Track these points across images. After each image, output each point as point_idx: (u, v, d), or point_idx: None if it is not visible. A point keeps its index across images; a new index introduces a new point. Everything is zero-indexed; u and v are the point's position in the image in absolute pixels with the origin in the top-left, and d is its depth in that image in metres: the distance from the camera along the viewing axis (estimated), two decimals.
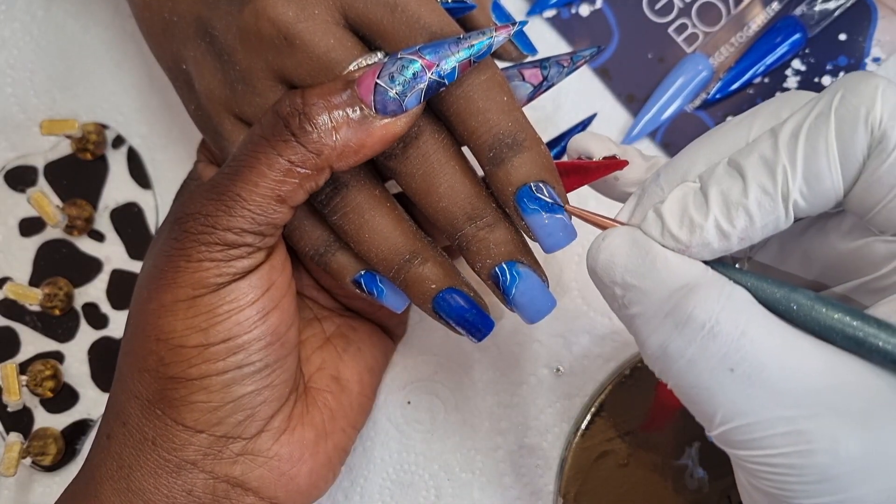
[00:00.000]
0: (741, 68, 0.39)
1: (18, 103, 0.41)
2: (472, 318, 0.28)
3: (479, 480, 0.38)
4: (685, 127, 0.39)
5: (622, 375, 0.36)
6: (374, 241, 0.28)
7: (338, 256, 0.29)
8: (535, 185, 0.26)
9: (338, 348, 0.34)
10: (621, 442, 0.36)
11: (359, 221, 0.28)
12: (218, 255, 0.27)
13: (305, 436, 0.30)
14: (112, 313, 0.39)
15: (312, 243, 0.29)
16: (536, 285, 0.27)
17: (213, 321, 0.27)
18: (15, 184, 0.40)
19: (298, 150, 0.25)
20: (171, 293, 0.27)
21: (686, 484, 0.36)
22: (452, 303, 0.28)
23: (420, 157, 0.27)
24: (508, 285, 0.27)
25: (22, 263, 0.40)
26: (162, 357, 0.27)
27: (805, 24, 0.39)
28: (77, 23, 0.41)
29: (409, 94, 0.25)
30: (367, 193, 0.28)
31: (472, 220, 0.27)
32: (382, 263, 0.28)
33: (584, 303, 0.39)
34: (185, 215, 0.27)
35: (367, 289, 0.29)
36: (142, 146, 0.40)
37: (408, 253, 0.28)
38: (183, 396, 0.27)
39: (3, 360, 0.39)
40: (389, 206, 0.28)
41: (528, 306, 0.28)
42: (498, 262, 0.27)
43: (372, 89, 0.25)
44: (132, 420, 0.28)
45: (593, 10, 0.40)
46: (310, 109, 0.25)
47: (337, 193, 0.28)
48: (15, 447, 0.36)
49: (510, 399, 0.38)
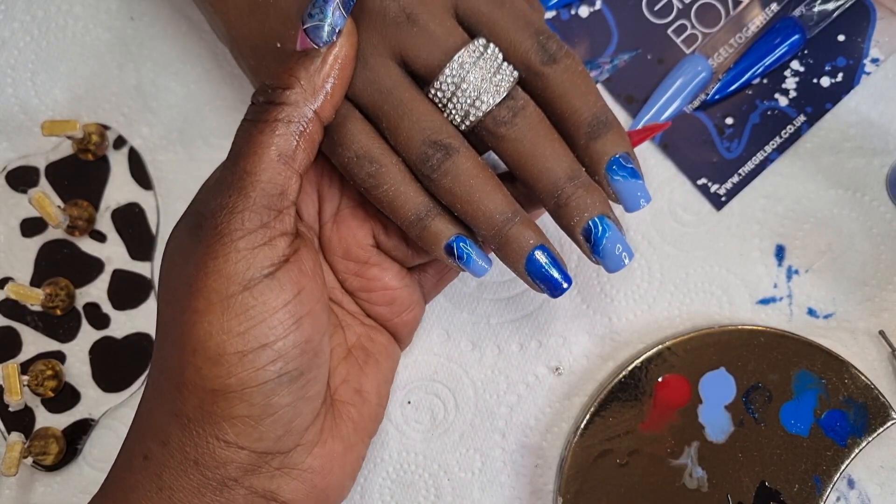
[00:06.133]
0: (740, 69, 0.39)
1: (20, 104, 0.41)
2: (559, 273, 0.31)
3: (479, 480, 0.38)
4: (684, 127, 0.39)
5: (622, 375, 0.36)
6: (483, 202, 0.30)
7: (436, 221, 0.31)
8: (623, 156, 0.30)
9: (359, 360, 0.34)
10: (621, 441, 0.36)
11: (469, 183, 0.30)
12: (241, 243, 0.27)
13: (335, 448, 0.31)
14: (113, 313, 0.39)
15: (414, 208, 0.31)
16: (621, 237, 0.31)
17: (248, 324, 0.27)
18: (16, 184, 0.40)
19: (281, 109, 0.28)
20: (204, 298, 0.27)
21: (686, 484, 0.36)
22: (543, 259, 0.30)
23: (528, 124, 0.30)
24: (600, 236, 0.30)
25: (23, 263, 0.40)
26: (199, 368, 0.27)
27: (804, 25, 0.39)
28: (78, 24, 0.41)
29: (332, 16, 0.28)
30: (474, 159, 0.30)
31: (571, 180, 0.30)
32: (487, 222, 0.30)
33: (584, 303, 0.39)
34: (200, 217, 0.28)
35: (457, 252, 0.31)
36: (143, 147, 0.40)
37: (510, 212, 0.30)
38: (224, 410, 0.27)
39: (5, 360, 0.39)
40: (491, 173, 0.31)
41: (613, 256, 0.31)
42: (593, 216, 0.30)
43: (306, 37, 0.28)
44: (173, 440, 0.28)
45: (592, 11, 0.40)
46: (275, 80, 0.28)
47: (448, 158, 0.30)
48: (16, 447, 0.36)
49: (510, 399, 0.38)
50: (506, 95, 0.30)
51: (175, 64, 0.41)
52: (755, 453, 0.36)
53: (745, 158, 0.39)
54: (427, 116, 0.30)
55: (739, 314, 0.38)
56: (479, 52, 0.29)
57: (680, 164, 0.39)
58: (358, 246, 0.33)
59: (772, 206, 0.39)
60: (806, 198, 0.39)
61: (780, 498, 0.36)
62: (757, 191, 0.39)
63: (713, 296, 0.39)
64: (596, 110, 0.30)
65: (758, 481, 0.36)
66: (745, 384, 0.36)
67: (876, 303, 0.38)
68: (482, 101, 0.29)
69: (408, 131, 0.30)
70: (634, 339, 0.38)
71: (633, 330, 0.39)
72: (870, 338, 0.38)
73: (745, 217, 0.39)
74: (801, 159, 0.39)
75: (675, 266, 0.39)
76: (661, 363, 0.36)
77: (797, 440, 0.36)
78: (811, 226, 0.39)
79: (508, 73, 0.30)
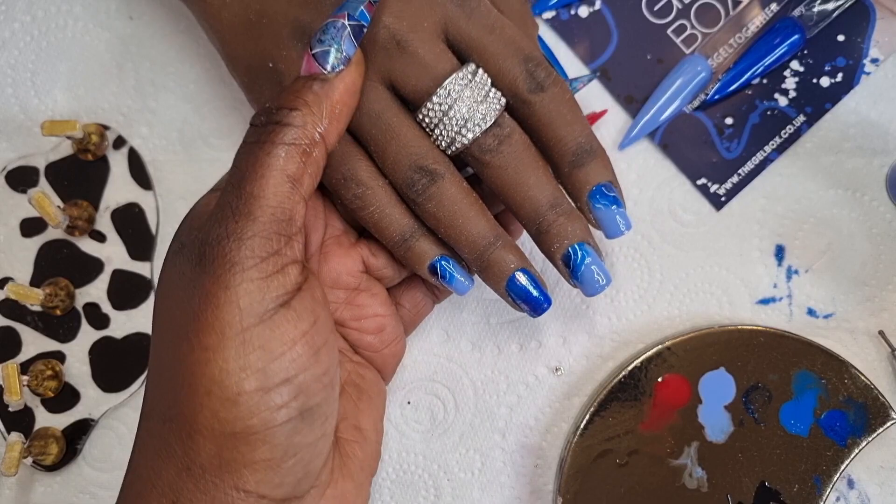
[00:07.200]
0: (740, 69, 0.39)
1: (20, 104, 0.41)
2: (539, 294, 0.32)
3: (478, 480, 0.38)
4: (684, 128, 0.39)
5: (621, 375, 0.36)
6: (465, 227, 0.30)
7: (420, 242, 0.31)
8: (606, 185, 0.31)
9: (353, 397, 0.33)
10: (621, 442, 0.36)
11: (452, 209, 0.30)
12: (253, 272, 0.25)
13: (347, 489, 0.29)
14: (113, 313, 0.39)
15: (399, 229, 0.31)
16: (600, 263, 0.32)
17: (267, 358, 0.25)
18: (16, 184, 0.40)
19: (288, 131, 0.27)
20: (216, 332, 0.25)
21: (685, 484, 0.36)
22: (524, 280, 0.31)
23: (513, 152, 0.30)
24: (578, 262, 0.31)
25: (23, 264, 0.40)
26: (216, 411, 0.25)
27: (803, 25, 0.39)
28: (78, 24, 0.41)
29: (343, 44, 0.28)
30: (458, 184, 0.31)
31: (553, 208, 0.31)
32: (470, 246, 0.31)
33: (584, 303, 0.39)
34: (203, 246, 0.26)
35: (441, 272, 0.32)
36: (143, 147, 0.40)
37: (492, 237, 0.31)
38: (245, 455, 0.25)
39: (5, 360, 0.39)
40: (475, 197, 0.31)
41: (591, 281, 0.31)
42: (573, 243, 0.31)
43: (314, 62, 0.28)
44: (184, 497, 0.25)
45: (592, 11, 0.40)
46: (282, 102, 0.27)
47: (433, 183, 0.30)
48: (16, 447, 0.36)
49: (509, 399, 0.38)
50: (492, 123, 0.30)
51: (174, 64, 0.41)
52: (755, 453, 0.36)
53: (745, 158, 0.39)
54: (414, 141, 0.30)
55: (739, 314, 0.38)
56: (467, 78, 0.30)
57: (680, 164, 0.39)
58: (348, 273, 0.32)
59: (771, 206, 0.39)
60: (806, 198, 0.39)
61: (780, 498, 0.36)
62: (757, 191, 0.39)
63: (713, 296, 0.39)
64: (581, 139, 0.31)
65: (758, 481, 0.36)
66: (745, 384, 0.36)
67: (876, 303, 0.38)
68: (468, 129, 0.30)
69: (395, 155, 0.30)
70: (634, 339, 0.38)
71: (633, 330, 0.39)
72: (869, 338, 0.38)
73: (745, 217, 0.39)
74: (800, 159, 0.39)
75: (674, 266, 0.39)
76: (660, 363, 0.37)
77: (797, 440, 0.36)
78: (811, 226, 0.39)
79: (496, 100, 0.30)
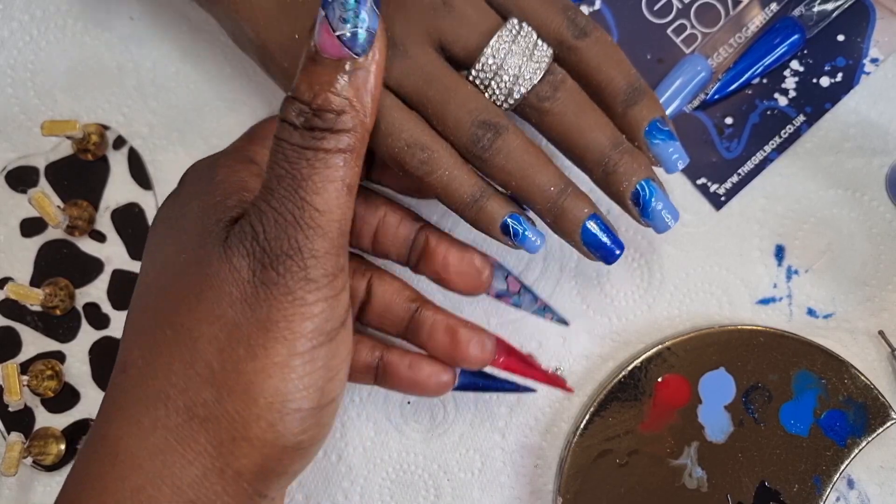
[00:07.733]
0: (740, 69, 0.39)
1: (19, 104, 0.41)
2: (611, 242, 0.32)
3: (478, 480, 0.38)
4: (684, 127, 0.39)
5: (621, 375, 0.36)
6: (536, 176, 0.30)
7: (491, 202, 0.31)
8: (659, 119, 0.31)
9: None
10: (621, 442, 0.36)
11: (522, 158, 0.30)
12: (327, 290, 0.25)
13: None
14: (113, 313, 0.39)
15: (469, 189, 0.31)
16: (666, 199, 0.32)
17: (327, 376, 0.25)
18: (16, 184, 0.40)
19: (342, 137, 0.26)
20: (287, 347, 0.25)
21: (685, 484, 0.36)
22: (597, 228, 0.31)
23: (570, 96, 0.31)
24: (648, 199, 0.31)
25: (23, 264, 0.40)
26: (273, 424, 0.25)
27: (803, 25, 0.39)
28: (78, 23, 0.41)
29: (368, 18, 0.26)
30: (522, 136, 0.31)
31: (616, 147, 0.31)
32: (542, 195, 0.30)
33: (584, 303, 0.39)
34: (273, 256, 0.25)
35: (513, 230, 0.31)
36: (143, 147, 0.40)
37: (562, 184, 0.31)
38: (286, 466, 0.25)
39: (5, 360, 0.39)
40: (539, 148, 0.31)
41: (660, 217, 0.32)
42: (640, 179, 0.31)
43: (339, 44, 0.26)
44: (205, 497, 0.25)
45: (592, 10, 0.40)
46: (319, 102, 0.26)
47: (499, 136, 0.30)
48: (16, 447, 0.36)
49: (510, 399, 0.38)
50: (545, 71, 0.30)
51: (175, 64, 0.41)
52: (755, 453, 0.36)
53: (745, 158, 0.39)
54: (472, 98, 0.30)
55: (739, 314, 0.38)
56: (514, 31, 0.30)
57: None
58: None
59: (771, 205, 0.39)
60: (806, 198, 0.39)
61: (780, 498, 0.36)
62: (756, 191, 0.39)
63: (713, 296, 0.39)
64: (630, 78, 0.31)
65: (757, 481, 0.36)
66: (745, 384, 0.36)
67: (876, 303, 0.38)
68: (524, 79, 0.30)
69: (456, 114, 0.30)
70: (634, 339, 0.38)
71: (632, 330, 0.39)
72: (869, 338, 0.38)
73: (745, 217, 0.39)
74: (800, 159, 0.39)
75: (674, 266, 0.39)
76: (660, 363, 0.37)
77: (797, 440, 0.36)
78: (811, 226, 0.39)
79: (545, 49, 0.31)
